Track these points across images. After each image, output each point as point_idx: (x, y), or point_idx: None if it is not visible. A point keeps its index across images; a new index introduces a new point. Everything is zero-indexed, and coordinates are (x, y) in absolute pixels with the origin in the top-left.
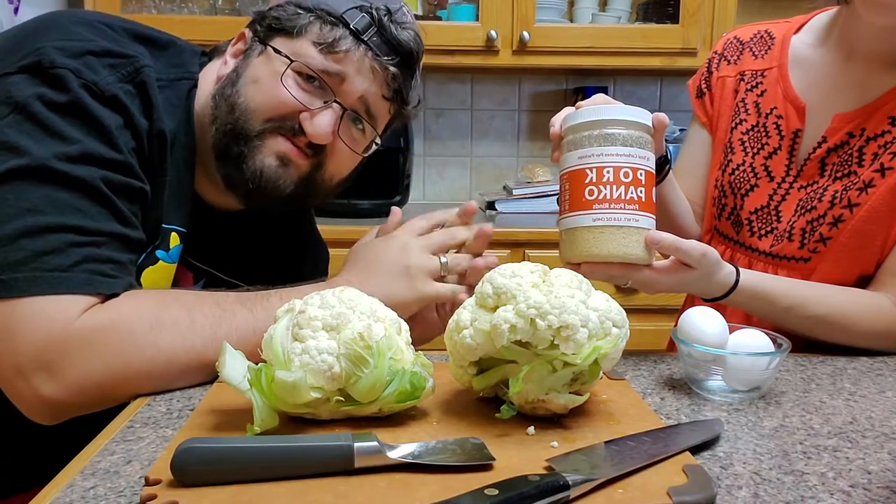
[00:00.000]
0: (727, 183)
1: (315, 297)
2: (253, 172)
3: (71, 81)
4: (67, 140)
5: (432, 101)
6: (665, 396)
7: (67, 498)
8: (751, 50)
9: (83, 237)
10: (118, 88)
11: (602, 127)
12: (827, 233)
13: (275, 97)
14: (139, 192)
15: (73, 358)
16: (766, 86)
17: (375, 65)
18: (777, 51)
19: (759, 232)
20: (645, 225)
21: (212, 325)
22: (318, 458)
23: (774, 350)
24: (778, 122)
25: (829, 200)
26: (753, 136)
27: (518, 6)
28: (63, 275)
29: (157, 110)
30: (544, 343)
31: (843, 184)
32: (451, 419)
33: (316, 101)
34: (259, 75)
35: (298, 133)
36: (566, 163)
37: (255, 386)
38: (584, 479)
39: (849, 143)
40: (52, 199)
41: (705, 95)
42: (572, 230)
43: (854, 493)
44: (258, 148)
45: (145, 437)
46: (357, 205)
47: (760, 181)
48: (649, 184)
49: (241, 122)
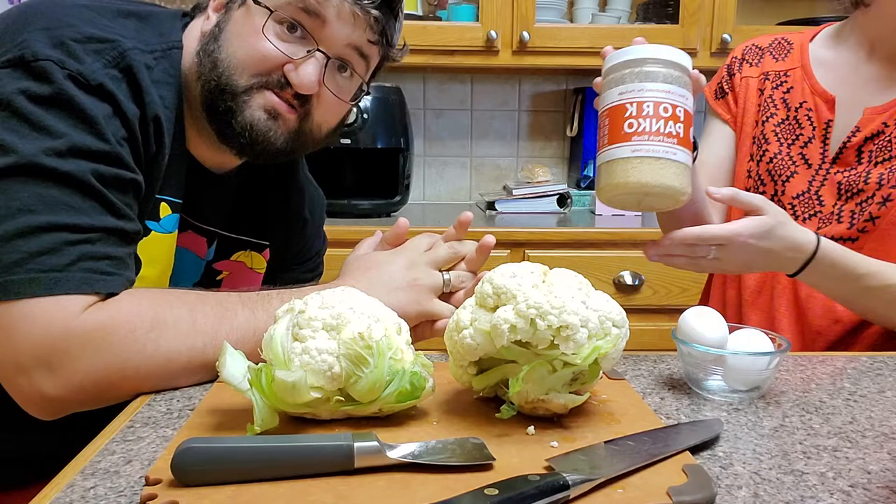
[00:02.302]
0: (765, 171)
1: (315, 297)
2: (243, 127)
3: (55, 73)
4: (54, 134)
5: (432, 101)
6: (665, 396)
7: (67, 498)
8: (771, 54)
9: (77, 235)
10: (104, 76)
11: (642, 65)
12: (876, 212)
13: (258, 51)
14: (131, 182)
15: (73, 356)
16: (791, 83)
17: (356, 9)
18: (797, 53)
19: (802, 215)
20: (682, 160)
21: (213, 325)
22: (318, 458)
23: (774, 350)
24: (809, 114)
25: (875, 182)
26: (786, 128)
27: (518, 6)
28: (60, 275)
29: (147, 94)
30: (544, 343)
31: (886, 167)
32: (451, 419)
33: (299, 50)
34: (240, 30)
35: (285, 86)
36: (606, 100)
37: (255, 386)
38: (584, 479)
39: (884, 133)
40: (44, 198)
41: (728, 95)
42: (611, 163)
43: (854, 493)
44: (246, 103)
45: (145, 437)
46: (357, 205)
47: (799, 168)
48: (687, 121)
49: (226, 79)
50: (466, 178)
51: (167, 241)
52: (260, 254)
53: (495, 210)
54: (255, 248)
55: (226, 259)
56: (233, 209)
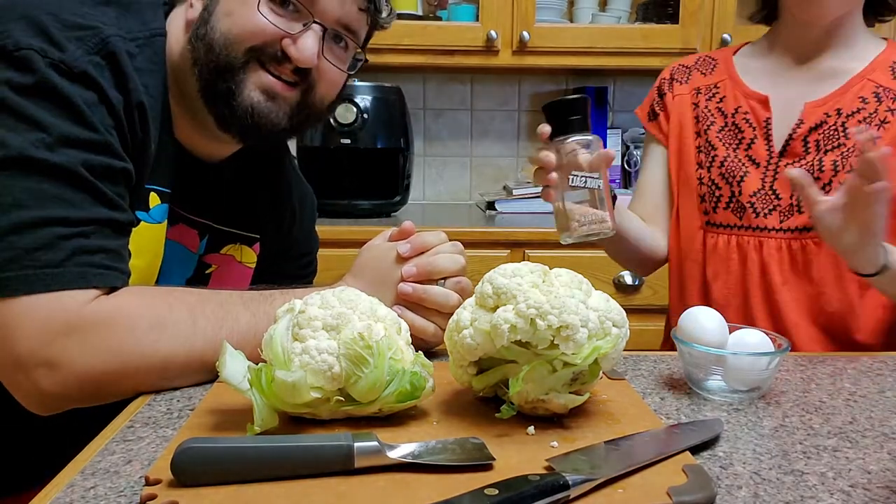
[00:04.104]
0: (718, 175)
1: (315, 297)
2: (244, 109)
3: (37, 62)
4: (41, 125)
5: (432, 101)
6: (665, 396)
7: (68, 498)
8: (698, 70)
9: (71, 229)
10: (87, 63)
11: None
12: None
13: (253, 25)
14: (122, 171)
15: (71, 353)
16: (723, 93)
17: None
18: (723, 67)
19: (762, 211)
20: None
21: (213, 327)
22: (318, 458)
23: (774, 350)
24: (746, 116)
25: (830, 169)
26: (727, 133)
27: (518, 6)
28: (55, 271)
29: (131, 80)
30: (544, 343)
31: (837, 153)
32: (451, 419)
33: (294, 24)
34: (231, 8)
35: (283, 60)
36: None
37: (255, 386)
38: (584, 479)
39: (827, 122)
40: (35, 192)
41: (660, 115)
42: None
43: (854, 493)
44: (243, 81)
45: (145, 437)
46: (357, 205)
47: (749, 168)
48: None
49: (223, 57)
50: (466, 178)
51: (156, 232)
52: (250, 248)
53: (495, 210)
54: (245, 241)
55: (215, 252)
56: (223, 201)
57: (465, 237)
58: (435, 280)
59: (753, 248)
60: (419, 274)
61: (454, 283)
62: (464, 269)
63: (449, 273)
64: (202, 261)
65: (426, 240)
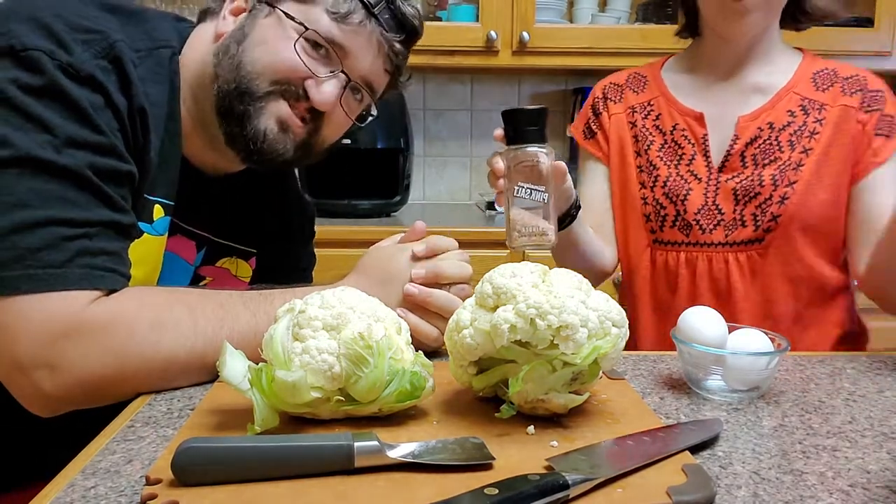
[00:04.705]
0: (661, 195)
1: (315, 297)
2: (255, 133)
3: (45, 63)
4: (48, 126)
5: (432, 102)
6: (665, 396)
7: (68, 497)
8: (630, 88)
9: (74, 229)
10: (94, 66)
11: None
12: (777, 211)
13: (284, 60)
14: (127, 175)
15: (72, 355)
16: (658, 111)
17: (382, 40)
18: (653, 84)
19: (707, 227)
20: None
21: (214, 327)
22: (318, 458)
23: (774, 350)
24: (684, 133)
25: (770, 183)
26: (668, 151)
27: (518, 6)
28: (58, 271)
29: (134, 86)
30: (544, 343)
31: (774, 167)
32: (451, 419)
33: (322, 68)
34: (267, 37)
35: (301, 98)
36: None
37: (255, 386)
38: (584, 479)
39: (761, 137)
40: (40, 192)
41: (597, 134)
42: None
43: (853, 493)
44: (262, 109)
45: (146, 437)
46: (357, 205)
47: (692, 184)
48: None
49: (247, 83)
50: (466, 178)
51: (157, 244)
52: (246, 262)
53: (495, 210)
54: (241, 255)
55: (210, 265)
56: (224, 214)
57: (464, 237)
58: (440, 285)
59: (702, 263)
60: (427, 276)
61: (458, 290)
62: (469, 278)
63: (455, 279)
64: (197, 273)
65: (440, 243)
